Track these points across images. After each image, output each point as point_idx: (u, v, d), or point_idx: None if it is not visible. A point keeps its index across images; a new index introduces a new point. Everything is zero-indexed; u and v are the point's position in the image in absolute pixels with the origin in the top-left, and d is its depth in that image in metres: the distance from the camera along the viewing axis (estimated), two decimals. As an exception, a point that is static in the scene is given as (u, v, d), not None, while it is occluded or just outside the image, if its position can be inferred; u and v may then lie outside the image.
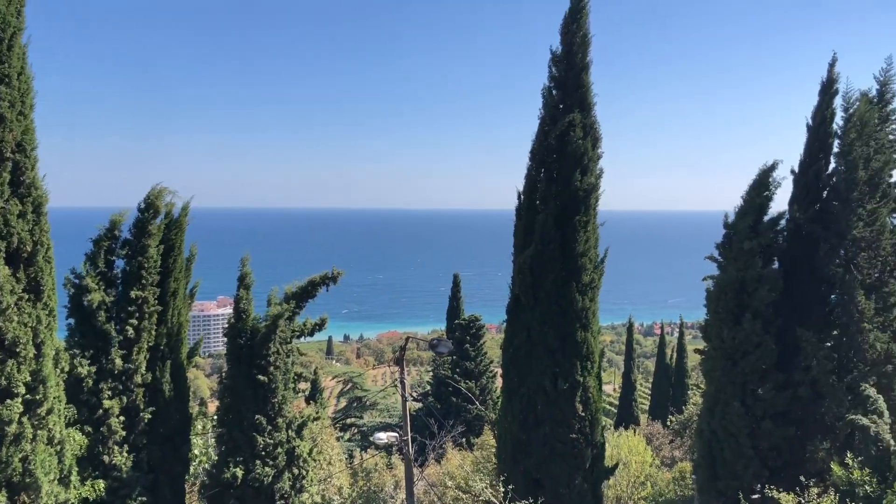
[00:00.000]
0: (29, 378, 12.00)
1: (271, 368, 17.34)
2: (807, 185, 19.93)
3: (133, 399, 16.65)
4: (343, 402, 65.57)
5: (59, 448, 12.93)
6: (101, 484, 15.16)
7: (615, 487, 25.57)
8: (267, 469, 17.02)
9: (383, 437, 18.14)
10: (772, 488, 16.06)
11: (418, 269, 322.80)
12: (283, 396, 17.63)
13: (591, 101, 19.69)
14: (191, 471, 19.32)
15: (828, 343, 19.02)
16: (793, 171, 20.28)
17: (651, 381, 75.25)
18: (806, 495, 15.65)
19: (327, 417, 37.99)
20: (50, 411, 12.50)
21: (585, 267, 19.34)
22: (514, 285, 19.97)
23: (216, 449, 18.32)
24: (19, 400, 11.83)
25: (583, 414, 19.29)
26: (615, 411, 67.30)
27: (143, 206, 17.45)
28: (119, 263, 17.21)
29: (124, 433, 16.38)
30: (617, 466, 22.73)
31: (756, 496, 17.32)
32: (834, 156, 19.95)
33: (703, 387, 23.60)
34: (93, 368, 16.02)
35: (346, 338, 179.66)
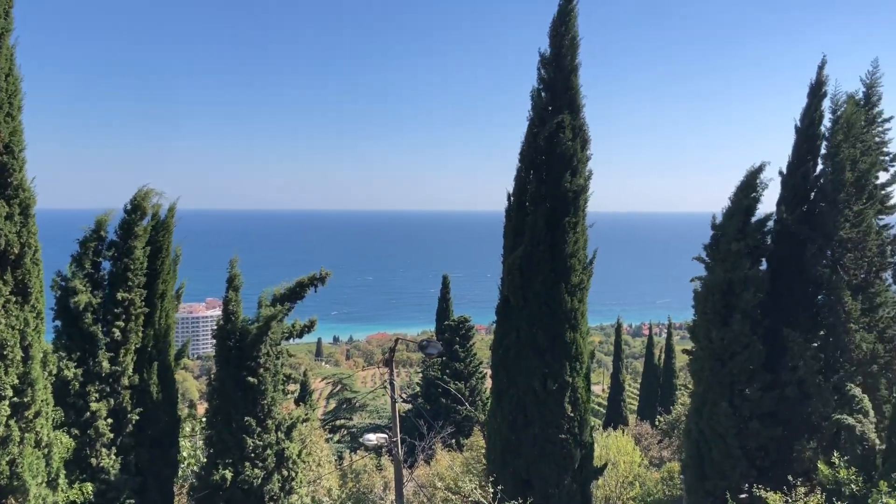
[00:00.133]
0: (17, 381, 11.94)
1: (261, 370, 17.26)
2: (794, 186, 20.09)
3: (120, 401, 16.58)
4: (332, 404, 65.41)
5: (46, 451, 12.86)
6: (88, 487, 15.04)
7: (604, 487, 25.68)
8: (256, 471, 16.94)
9: (373, 438, 18.10)
10: (759, 488, 16.16)
11: (408, 271, 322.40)
12: (273, 398, 17.56)
13: (580, 103, 19.75)
14: (179, 473, 19.24)
15: (815, 343, 19.20)
16: (781, 173, 20.44)
17: (639, 381, 75.59)
18: (793, 494, 15.78)
19: (317, 419, 37.85)
20: (38, 414, 12.44)
21: (574, 268, 19.40)
22: (503, 286, 19.99)
23: (205, 451, 18.21)
24: (7, 403, 11.79)
25: (572, 414, 19.34)
26: (604, 412, 67.47)
27: (130, 207, 17.36)
28: (106, 265, 17.12)
29: (112, 436, 16.30)
30: (606, 467, 22.81)
31: (744, 496, 17.41)
32: (821, 157, 20.12)
33: (691, 387, 23.69)
34: (80, 371, 15.94)
35: (336, 339, 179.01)
